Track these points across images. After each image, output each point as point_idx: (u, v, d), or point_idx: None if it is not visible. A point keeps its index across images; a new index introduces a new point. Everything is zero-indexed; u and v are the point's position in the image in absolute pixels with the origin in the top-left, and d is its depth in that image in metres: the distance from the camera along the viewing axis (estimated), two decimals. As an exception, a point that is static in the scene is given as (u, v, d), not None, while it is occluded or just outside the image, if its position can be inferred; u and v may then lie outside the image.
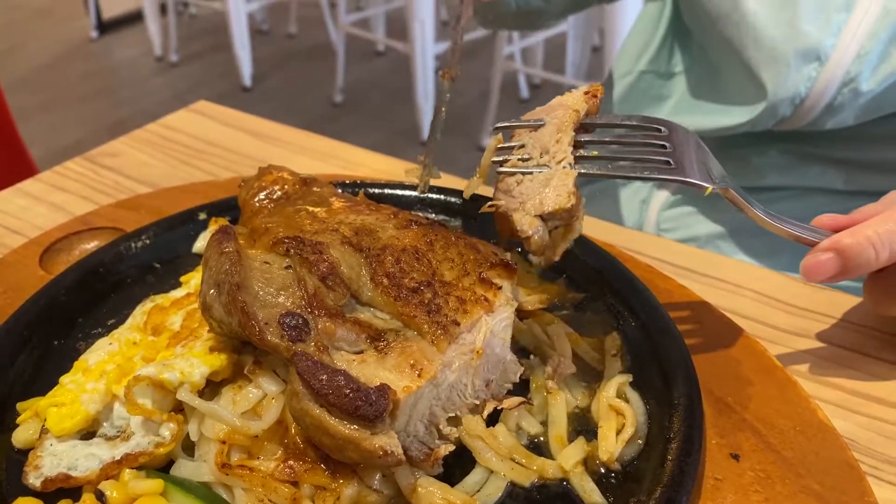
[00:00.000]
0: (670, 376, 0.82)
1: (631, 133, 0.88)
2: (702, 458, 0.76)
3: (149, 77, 6.41)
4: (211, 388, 0.79)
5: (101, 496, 0.70)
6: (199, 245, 1.09)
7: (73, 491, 0.73)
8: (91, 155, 1.42)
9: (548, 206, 0.81)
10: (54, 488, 0.73)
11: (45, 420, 0.77)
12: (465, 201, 1.12)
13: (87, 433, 0.79)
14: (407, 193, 1.16)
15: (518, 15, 1.53)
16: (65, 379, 0.81)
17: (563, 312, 0.98)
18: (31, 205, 1.27)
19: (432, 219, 0.98)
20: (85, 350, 0.87)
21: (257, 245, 0.84)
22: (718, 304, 1.00)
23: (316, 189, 0.98)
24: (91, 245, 1.14)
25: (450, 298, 0.79)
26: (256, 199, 0.97)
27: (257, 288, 0.75)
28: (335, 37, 5.86)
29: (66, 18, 7.56)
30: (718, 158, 1.40)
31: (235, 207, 1.02)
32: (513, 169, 0.85)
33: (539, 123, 0.87)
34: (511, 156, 0.86)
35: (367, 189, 1.15)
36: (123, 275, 1.04)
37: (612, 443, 0.78)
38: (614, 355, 0.90)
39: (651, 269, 1.06)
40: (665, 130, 0.86)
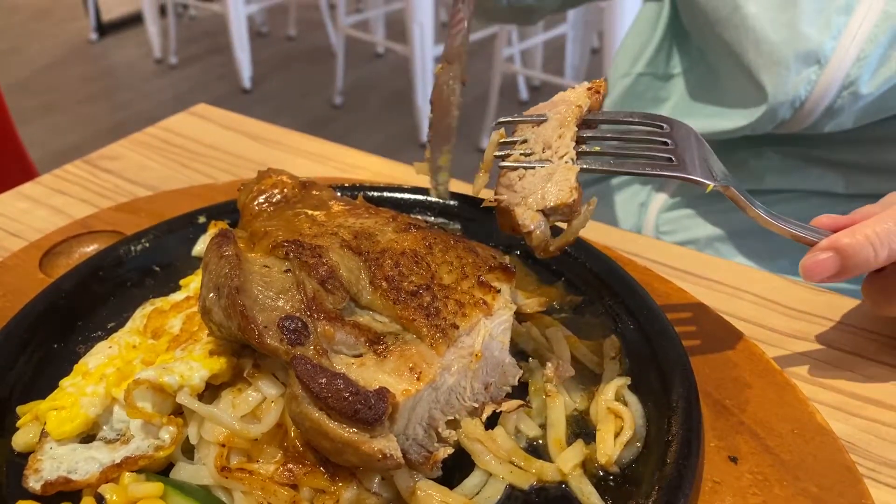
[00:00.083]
0: (668, 379, 0.83)
1: (633, 129, 0.88)
2: (700, 461, 0.76)
3: (148, 79, 6.41)
4: (210, 392, 0.79)
5: (101, 499, 0.71)
6: (199, 248, 1.09)
7: (73, 494, 0.74)
8: (91, 158, 1.42)
9: (550, 201, 0.81)
10: (54, 492, 0.73)
11: (45, 423, 0.77)
12: (464, 204, 1.13)
13: (87, 436, 0.79)
14: (406, 197, 1.16)
15: (511, 10, 1.53)
16: (65, 382, 0.81)
17: (562, 315, 0.98)
18: (31, 208, 1.27)
19: (431, 222, 0.99)
20: (85, 353, 0.87)
21: (257, 248, 0.84)
22: (716, 307, 1.00)
23: (315, 192, 0.98)
24: (91, 248, 1.14)
25: (448, 302, 0.79)
26: (256, 203, 0.97)
27: (257, 291, 0.75)
28: (335, 39, 5.86)
29: (66, 20, 7.57)
30: (717, 161, 1.41)
31: (235, 211, 1.02)
32: (515, 164, 0.85)
33: (541, 119, 0.87)
34: (513, 151, 0.87)
35: (367, 192, 1.15)
36: (123, 278, 1.04)
37: (611, 446, 0.78)
38: (613, 358, 0.90)
39: (649, 272, 1.07)
40: (667, 127, 0.86)
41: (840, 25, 1.13)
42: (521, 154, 0.86)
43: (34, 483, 0.73)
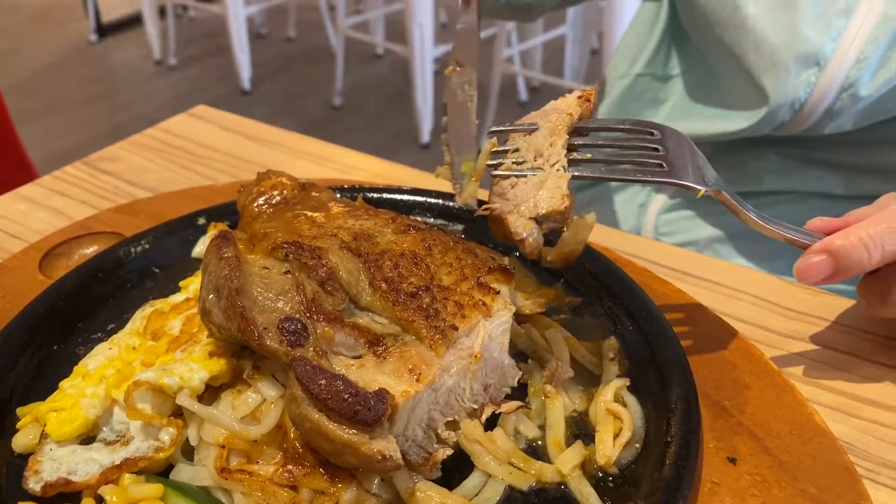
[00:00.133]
0: (667, 380, 0.83)
1: (624, 136, 0.89)
2: (699, 462, 0.76)
3: (148, 80, 6.41)
4: (210, 393, 0.79)
5: (101, 501, 0.71)
6: (199, 250, 1.09)
7: (73, 496, 0.74)
8: (90, 160, 1.43)
9: (542, 209, 0.82)
10: (54, 493, 0.73)
11: (45, 425, 0.77)
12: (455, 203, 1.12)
13: (87, 438, 0.79)
14: (405, 198, 1.17)
15: (509, 8, 1.54)
16: (64, 384, 0.82)
17: (561, 316, 0.98)
18: (31, 209, 1.28)
19: (430, 223, 0.99)
20: (84, 355, 0.87)
21: (256, 250, 0.85)
22: (715, 308, 1.01)
23: (315, 194, 0.99)
24: (90, 250, 1.14)
25: (448, 303, 0.79)
26: (255, 204, 0.97)
27: (256, 293, 0.75)
28: (334, 40, 5.86)
29: (65, 21, 7.57)
30: (717, 163, 1.40)
31: (234, 212, 1.02)
32: (507, 172, 0.86)
33: (533, 127, 0.88)
34: (505, 159, 0.87)
35: (366, 194, 1.15)
36: (123, 280, 1.04)
37: (610, 447, 0.78)
38: (612, 359, 0.90)
39: (648, 273, 1.07)
40: (658, 133, 0.87)
41: (840, 27, 1.13)
42: (513, 163, 0.86)
43: (34, 484, 0.73)
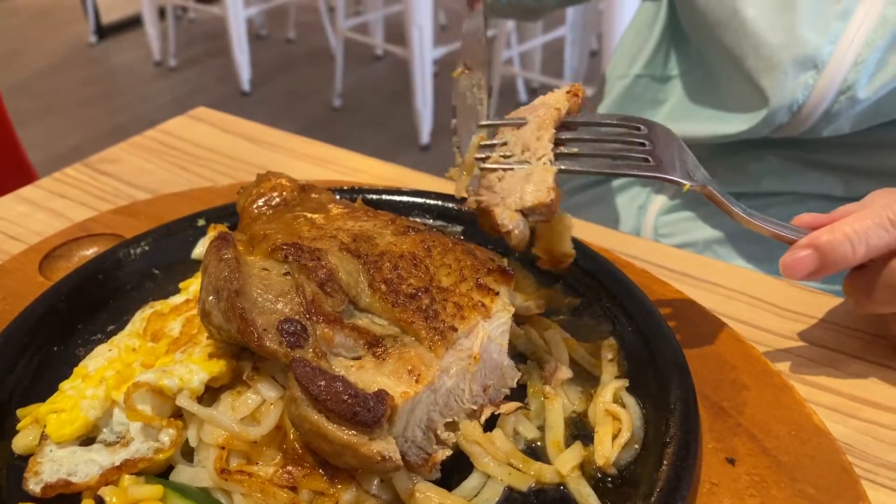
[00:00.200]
0: (666, 381, 0.83)
1: (612, 131, 0.90)
2: (698, 463, 0.77)
3: (148, 82, 6.42)
4: (210, 394, 0.79)
5: (101, 502, 0.71)
6: (198, 251, 1.10)
7: (73, 497, 0.74)
8: (90, 161, 1.43)
9: (528, 202, 0.83)
10: (54, 494, 0.73)
11: (45, 426, 0.77)
12: (463, 207, 1.13)
13: (87, 439, 0.79)
14: (405, 199, 1.17)
15: (511, 8, 1.54)
16: (64, 385, 0.82)
17: (560, 318, 0.98)
18: (31, 211, 1.28)
19: (430, 225, 0.99)
20: (84, 356, 0.87)
21: (256, 251, 0.85)
22: (714, 309, 1.01)
23: (314, 195, 0.99)
24: (90, 251, 1.14)
25: (447, 304, 0.79)
26: (255, 206, 0.97)
27: (256, 294, 0.75)
28: (334, 41, 5.87)
29: (65, 23, 7.57)
30: (716, 164, 1.41)
31: (234, 214, 1.03)
32: (495, 165, 0.87)
33: (521, 122, 0.89)
34: (494, 153, 0.88)
35: (366, 195, 1.15)
36: (123, 281, 1.04)
37: (609, 447, 0.78)
38: (611, 360, 0.90)
39: (647, 274, 1.07)
40: (644, 129, 0.88)
41: (838, 30, 1.13)
42: (501, 156, 0.87)
43: (34, 485, 0.73)
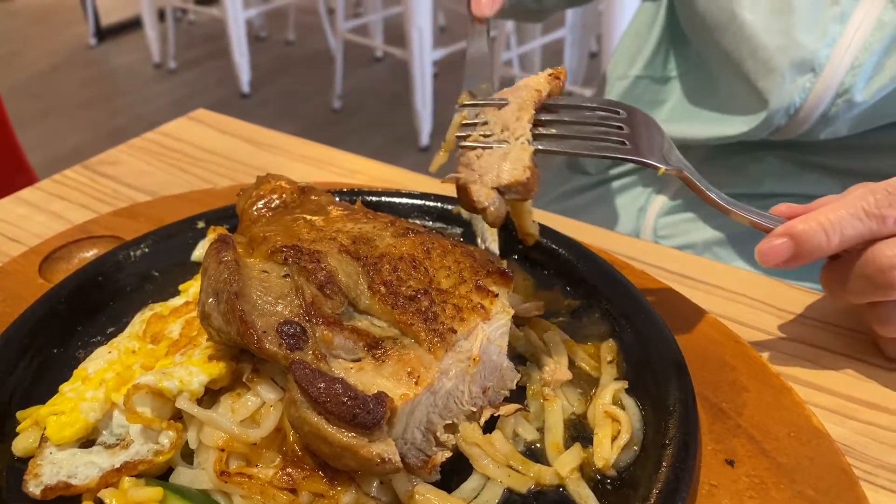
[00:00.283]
0: (665, 383, 0.83)
1: (591, 114, 0.91)
2: (697, 464, 0.77)
3: (147, 84, 6.42)
4: (210, 396, 0.79)
5: (101, 504, 0.71)
6: (198, 253, 1.10)
7: (73, 499, 0.74)
8: (90, 163, 1.43)
9: (504, 179, 0.84)
10: (54, 496, 0.73)
11: (45, 428, 0.77)
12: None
13: (87, 441, 0.79)
14: (404, 201, 1.17)
15: (512, 9, 1.55)
16: (64, 387, 0.82)
17: (560, 319, 0.98)
18: (31, 213, 1.28)
19: (429, 227, 0.99)
20: (84, 358, 0.87)
21: (255, 254, 0.85)
22: (714, 311, 1.01)
23: (314, 198, 0.99)
24: (90, 253, 1.14)
25: (447, 306, 0.79)
26: (255, 208, 0.97)
27: (255, 296, 0.75)
28: (333, 43, 5.87)
29: (65, 25, 7.58)
30: (716, 165, 1.42)
31: (234, 216, 1.03)
32: (474, 143, 0.89)
33: (503, 102, 0.90)
34: (474, 132, 0.90)
35: (365, 197, 1.16)
36: (122, 283, 1.04)
37: (608, 449, 0.78)
38: (610, 362, 0.90)
39: (646, 276, 1.07)
40: (623, 113, 0.90)
41: (835, 34, 1.14)
42: (481, 135, 0.89)
43: (34, 488, 0.73)
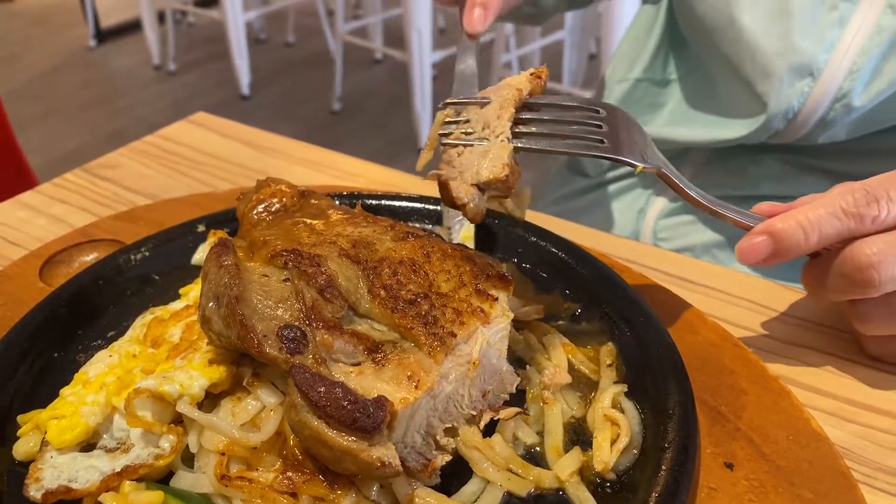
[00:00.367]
0: (665, 386, 0.83)
1: (570, 113, 0.92)
2: (696, 468, 0.77)
3: (147, 86, 6.43)
4: (210, 400, 0.79)
5: (102, 508, 0.71)
6: (198, 257, 1.10)
7: (74, 503, 0.74)
8: (90, 167, 1.43)
9: (483, 176, 0.86)
10: (55, 500, 0.73)
11: (46, 432, 0.77)
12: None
13: (88, 445, 0.79)
14: (404, 205, 1.17)
15: (512, 13, 1.55)
16: (65, 391, 0.82)
17: (559, 323, 0.99)
18: (31, 217, 1.28)
19: (429, 230, 0.99)
20: (85, 362, 0.87)
21: (256, 258, 0.85)
22: (713, 314, 1.01)
23: (314, 201, 0.99)
24: (90, 257, 1.14)
25: (446, 310, 0.79)
26: (255, 212, 0.97)
27: (256, 301, 0.75)
28: (333, 45, 5.88)
29: (64, 27, 7.58)
30: (715, 167, 1.42)
31: (234, 219, 1.03)
32: (455, 141, 0.90)
33: (485, 100, 0.92)
34: (456, 129, 0.91)
35: (365, 201, 1.16)
36: (123, 287, 1.04)
37: (608, 452, 0.78)
38: (609, 365, 0.90)
39: (645, 279, 1.07)
40: (604, 112, 0.91)
41: (833, 38, 1.14)
42: (463, 133, 0.91)
43: (35, 492, 0.73)
